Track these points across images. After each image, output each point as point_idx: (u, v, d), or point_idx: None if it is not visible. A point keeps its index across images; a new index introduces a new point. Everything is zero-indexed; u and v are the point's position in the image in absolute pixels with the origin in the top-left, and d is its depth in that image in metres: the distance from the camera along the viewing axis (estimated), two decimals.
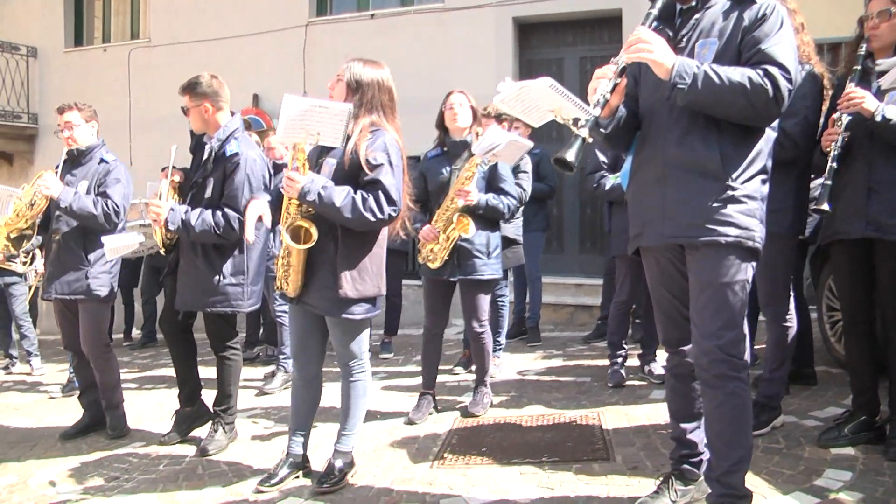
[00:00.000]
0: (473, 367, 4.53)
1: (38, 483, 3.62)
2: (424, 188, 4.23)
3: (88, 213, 4.00)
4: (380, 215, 2.98)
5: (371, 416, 4.18)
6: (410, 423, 4.10)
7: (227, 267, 3.81)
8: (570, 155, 2.23)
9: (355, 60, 3.17)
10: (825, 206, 3.10)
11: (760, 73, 2.25)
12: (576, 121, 2.30)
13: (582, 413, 4.05)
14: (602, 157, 4.66)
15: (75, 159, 4.26)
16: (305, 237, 3.02)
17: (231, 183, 3.75)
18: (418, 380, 5.14)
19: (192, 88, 3.83)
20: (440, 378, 5.06)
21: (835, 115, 3.16)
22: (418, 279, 8.06)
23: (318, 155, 3.20)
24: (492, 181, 4.15)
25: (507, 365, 5.34)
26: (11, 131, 10.60)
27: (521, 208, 5.08)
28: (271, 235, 4.48)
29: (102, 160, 4.22)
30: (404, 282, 6.80)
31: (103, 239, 3.93)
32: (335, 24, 8.79)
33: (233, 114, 3.97)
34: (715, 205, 2.36)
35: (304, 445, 3.38)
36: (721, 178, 2.36)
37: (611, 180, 4.55)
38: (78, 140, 4.22)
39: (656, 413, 3.94)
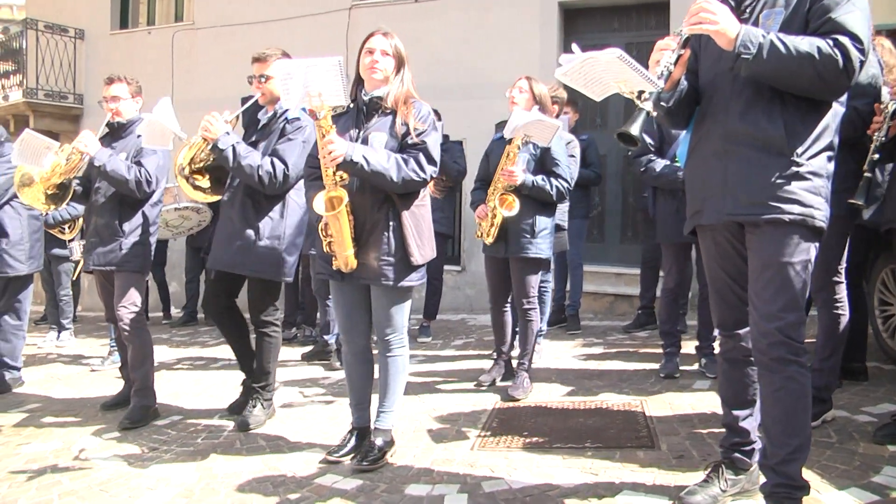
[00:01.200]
0: (514, 353, 4.49)
1: (80, 449, 3.66)
2: (488, 168, 4.41)
3: (121, 176, 3.98)
4: (423, 174, 3.03)
5: (411, 397, 4.17)
6: (479, 384, 4.41)
7: (264, 229, 3.78)
8: (635, 129, 2.16)
9: (387, 34, 3.17)
10: (860, 201, 2.98)
11: (830, 42, 2.14)
12: (640, 94, 2.22)
13: (624, 400, 3.97)
14: (648, 140, 4.52)
15: (115, 132, 4.26)
16: (336, 205, 2.99)
17: (287, 140, 3.74)
18: (457, 364, 5.20)
19: (272, 58, 3.81)
20: (479, 363, 5.07)
21: (880, 104, 3.03)
22: (457, 264, 8.08)
23: (354, 127, 3.16)
24: (543, 163, 4.23)
25: (548, 352, 5.27)
26: (58, 111, 10.80)
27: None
28: None
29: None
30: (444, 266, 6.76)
31: (146, 120, 3.86)
32: (379, 8, 8.73)
33: None
34: (779, 181, 2.26)
35: (368, 417, 3.36)
36: (785, 153, 2.26)
37: (660, 164, 4.42)
38: (122, 113, 4.22)
39: (701, 402, 3.86)
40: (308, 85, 2.91)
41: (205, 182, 4.02)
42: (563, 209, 5.11)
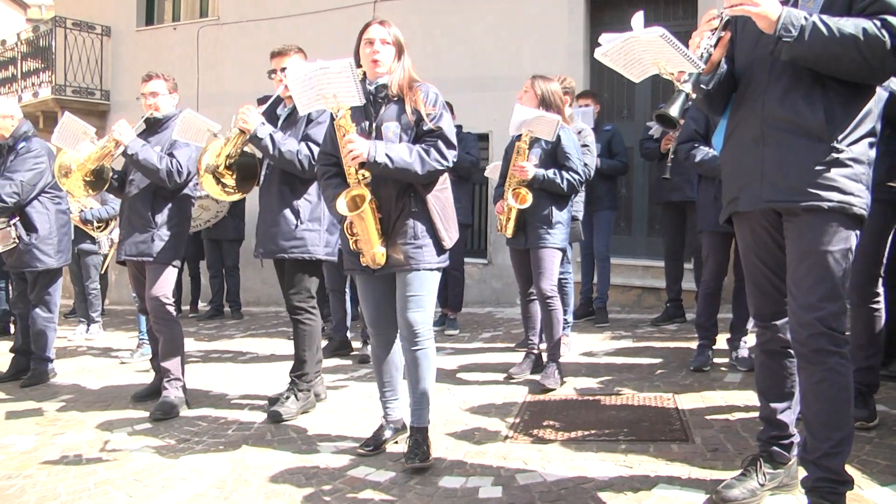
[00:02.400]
0: (544, 346, 4.47)
1: (112, 440, 3.70)
2: (507, 165, 4.47)
3: (152, 165, 4.05)
4: (445, 162, 3.03)
5: (441, 390, 4.16)
6: (510, 377, 4.44)
7: (305, 212, 3.84)
8: (674, 110, 2.13)
9: (384, 23, 3.14)
10: None
11: (877, 23, 2.08)
12: (679, 75, 2.19)
13: (656, 394, 3.93)
14: (695, 126, 4.44)
15: (152, 127, 4.33)
16: (359, 204, 2.98)
17: (316, 124, 3.78)
18: (485, 357, 5.20)
19: (291, 52, 3.89)
20: (507, 356, 5.06)
21: None
22: (483, 257, 8.05)
23: (365, 119, 3.13)
24: (556, 157, 4.32)
25: (576, 345, 5.23)
26: (85, 107, 10.91)
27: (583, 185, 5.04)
28: None
29: None
30: (467, 259, 6.74)
31: (184, 113, 3.96)
32: (404, 1, 8.70)
33: None
34: (818, 168, 2.21)
35: (399, 409, 3.35)
36: (825, 139, 2.21)
37: (701, 152, 4.35)
38: (160, 108, 4.29)
39: (733, 396, 3.81)
40: (322, 87, 2.91)
41: (229, 180, 4.02)
42: (578, 200, 5.13)
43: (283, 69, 3.85)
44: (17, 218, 4.96)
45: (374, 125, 3.09)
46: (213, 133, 3.88)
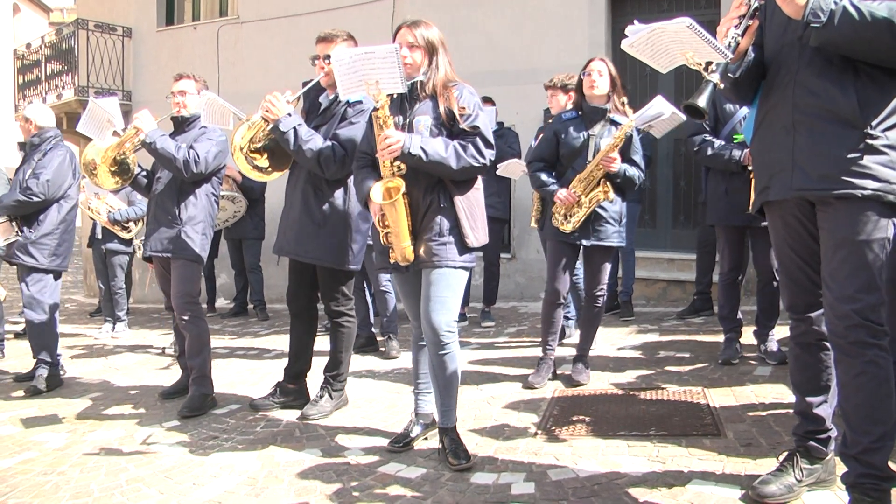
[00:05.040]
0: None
1: (142, 437, 3.73)
2: (555, 150, 4.18)
3: (168, 153, 4.05)
4: (482, 160, 2.98)
5: (470, 385, 4.16)
6: (530, 386, 4.10)
7: (327, 216, 3.76)
8: (702, 101, 2.12)
9: (415, 25, 3.09)
10: None
11: None
12: (707, 65, 2.16)
13: (685, 387, 3.89)
14: None
15: (179, 126, 4.37)
16: (393, 194, 2.95)
17: (349, 124, 3.72)
18: (512, 352, 5.18)
19: (338, 39, 3.78)
20: (534, 351, 5.01)
21: None
22: (507, 252, 8.02)
23: (399, 114, 3.10)
24: (625, 151, 4.07)
25: (602, 339, 5.17)
26: None
27: None
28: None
29: (203, 126, 4.28)
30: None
31: (207, 95, 4.03)
32: None
33: None
34: (851, 155, 2.16)
35: (430, 404, 3.32)
36: (858, 125, 2.16)
37: (714, 144, 4.30)
38: (188, 107, 4.31)
39: (763, 390, 3.76)
40: (365, 73, 2.89)
41: (263, 161, 3.95)
42: None
43: (326, 57, 3.75)
44: None
45: (407, 121, 3.07)
46: (240, 117, 3.88)
